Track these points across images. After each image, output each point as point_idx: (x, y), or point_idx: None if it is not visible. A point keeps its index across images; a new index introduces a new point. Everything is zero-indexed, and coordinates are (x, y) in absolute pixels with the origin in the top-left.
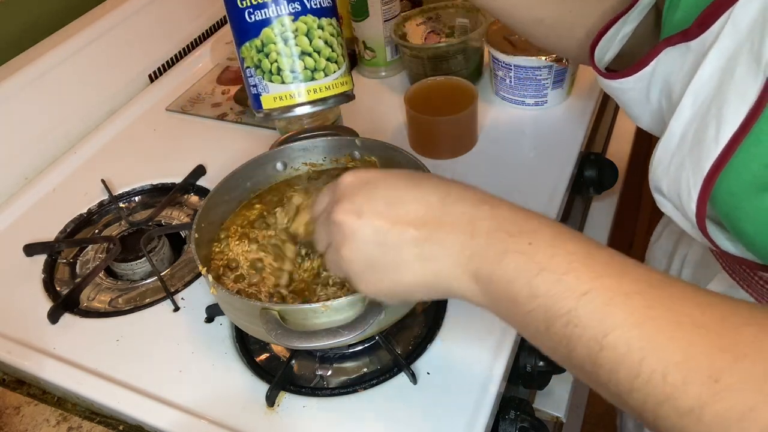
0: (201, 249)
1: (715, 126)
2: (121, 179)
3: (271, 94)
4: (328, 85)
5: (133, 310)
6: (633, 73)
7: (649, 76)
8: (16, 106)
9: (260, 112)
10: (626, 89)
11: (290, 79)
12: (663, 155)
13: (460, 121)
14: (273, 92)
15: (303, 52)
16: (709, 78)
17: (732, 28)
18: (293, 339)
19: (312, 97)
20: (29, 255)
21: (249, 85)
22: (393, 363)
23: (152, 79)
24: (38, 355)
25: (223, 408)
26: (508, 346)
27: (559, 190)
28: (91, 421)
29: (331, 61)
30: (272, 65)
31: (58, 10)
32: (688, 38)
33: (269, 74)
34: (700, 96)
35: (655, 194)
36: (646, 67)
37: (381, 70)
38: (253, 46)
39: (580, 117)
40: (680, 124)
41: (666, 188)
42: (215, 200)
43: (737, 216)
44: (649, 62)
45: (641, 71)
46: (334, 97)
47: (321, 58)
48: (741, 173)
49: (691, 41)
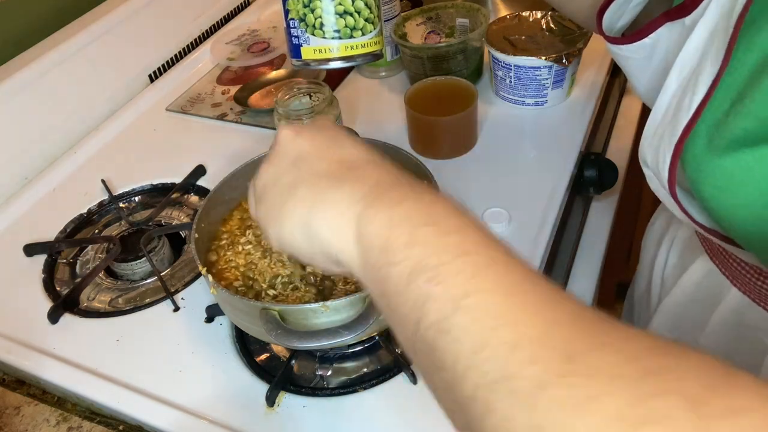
0: (201, 249)
1: (690, 95)
2: (121, 179)
3: (311, 47)
4: (363, 44)
5: (133, 310)
6: (632, 41)
7: (649, 48)
8: (16, 106)
9: (299, 61)
10: (627, 56)
11: (331, 35)
12: (650, 127)
13: (460, 121)
14: (313, 45)
15: (345, 11)
16: (694, 51)
17: (717, 1)
18: (293, 339)
19: (346, 54)
20: (29, 255)
21: (290, 35)
22: (393, 363)
23: (152, 79)
24: (38, 355)
25: (223, 408)
26: None
27: (559, 190)
28: (91, 421)
29: (369, 22)
30: (316, 20)
31: (58, 10)
32: (683, 13)
33: (312, 28)
34: (685, 69)
35: (643, 168)
36: (645, 38)
37: (381, 70)
38: (300, 1)
39: (580, 117)
40: (666, 96)
41: (649, 160)
42: (215, 200)
43: (698, 179)
44: (648, 34)
45: (640, 41)
46: (365, 55)
47: (360, 18)
48: (701, 136)
49: (685, 17)
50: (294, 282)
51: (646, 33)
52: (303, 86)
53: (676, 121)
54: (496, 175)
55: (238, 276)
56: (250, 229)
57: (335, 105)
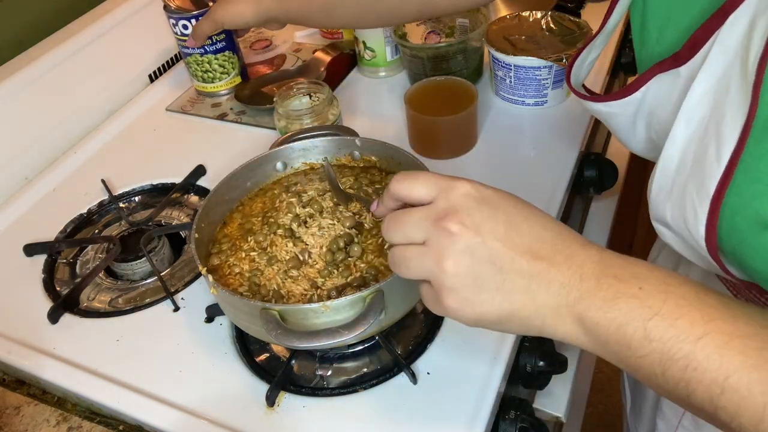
0: (201, 249)
1: (715, 145)
2: (121, 179)
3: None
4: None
5: (133, 310)
6: (621, 97)
7: (638, 103)
8: (16, 106)
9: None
10: (614, 113)
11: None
12: (663, 182)
13: (460, 121)
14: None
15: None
16: (701, 99)
17: (719, 48)
18: (293, 339)
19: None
20: (29, 255)
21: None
22: (393, 363)
23: (152, 79)
24: (38, 355)
25: (223, 408)
26: (508, 346)
27: (559, 190)
28: (91, 421)
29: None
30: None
31: (58, 10)
32: (679, 62)
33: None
34: (694, 118)
35: (656, 225)
36: (635, 92)
37: (381, 70)
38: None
39: (580, 117)
40: (676, 149)
41: (670, 215)
42: (215, 200)
43: (744, 253)
44: (640, 87)
45: (630, 96)
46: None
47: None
48: (737, 210)
49: (681, 67)
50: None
51: (637, 87)
52: (303, 86)
53: (703, 174)
54: (496, 175)
55: (242, 282)
56: (251, 234)
57: (335, 105)
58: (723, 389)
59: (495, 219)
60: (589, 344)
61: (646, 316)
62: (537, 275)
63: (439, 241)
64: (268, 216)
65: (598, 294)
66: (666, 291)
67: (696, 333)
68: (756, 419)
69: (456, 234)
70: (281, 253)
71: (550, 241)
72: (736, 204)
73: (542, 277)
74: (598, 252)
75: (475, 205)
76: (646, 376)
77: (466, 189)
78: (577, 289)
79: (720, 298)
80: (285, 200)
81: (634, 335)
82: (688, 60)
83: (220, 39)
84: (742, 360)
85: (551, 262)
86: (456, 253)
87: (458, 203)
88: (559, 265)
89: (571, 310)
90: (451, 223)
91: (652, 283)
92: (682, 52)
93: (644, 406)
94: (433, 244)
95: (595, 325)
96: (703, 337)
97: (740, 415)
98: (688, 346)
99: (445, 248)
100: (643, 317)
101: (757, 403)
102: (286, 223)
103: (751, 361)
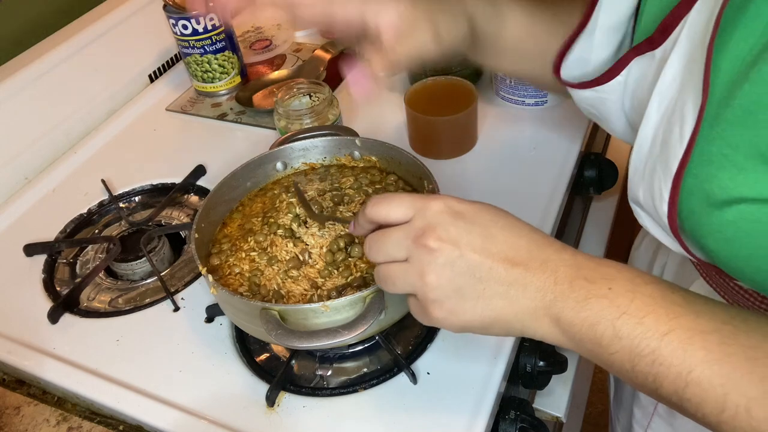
0: (201, 249)
1: (679, 126)
2: (121, 179)
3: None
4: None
5: (133, 310)
6: (606, 80)
7: (622, 87)
8: (16, 106)
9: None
10: (603, 98)
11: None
12: (637, 162)
13: (460, 121)
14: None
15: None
16: (672, 81)
17: (689, 31)
18: (293, 339)
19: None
20: (29, 255)
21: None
22: (393, 363)
23: (152, 79)
24: (38, 355)
25: (223, 408)
26: (508, 346)
27: (559, 190)
28: (91, 421)
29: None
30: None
31: (58, 10)
32: (653, 46)
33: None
34: (665, 99)
35: (632, 205)
36: (618, 75)
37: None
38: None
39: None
40: (649, 129)
41: (642, 196)
42: (215, 200)
43: (701, 233)
44: (621, 70)
45: (614, 80)
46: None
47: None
48: (694, 192)
49: (656, 49)
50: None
51: (618, 70)
52: (303, 86)
53: (668, 153)
54: (496, 175)
55: (242, 282)
56: (251, 234)
57: (335, 105)
58: (687, 383)
59: (471, 232)
60: (566, 343)
61: (614, 315)
62: (514, 281)
63: (421, 258)
64: (268, 216)
65: (570, 296)
66: (633, 290)
67: (661, 330)
68: (718, 409)
69: (435, 249)
70: (281, 253)
71: (525, 247)
72: (692, 185)
73: (519, 283)
74: (572, 255)
75: (450, 221)
76: (619, 371)
77: (439, 206)
78: (552, 291)
79: (685, 296)
80: (285, 200)
81: (605, 333)
82: (661, 44)
83: (220, 39)
84: (704, 355)
85: (527, 268)
86: (437, 268)
87: (434, 220)
88: (535, 270)
89: (548, 312)
90: (430, 239)
91: (620, 284)
92: (654, 36)
93: (624, 395)
94: (414, 260)
95: (569, 324)
96: (669, 333)
97: (703, 406)
98: (654, 343)
99: (426, 264)
100: (612, 316)
101: (718, 394)
102: (287, 224)
103: (712, 356)
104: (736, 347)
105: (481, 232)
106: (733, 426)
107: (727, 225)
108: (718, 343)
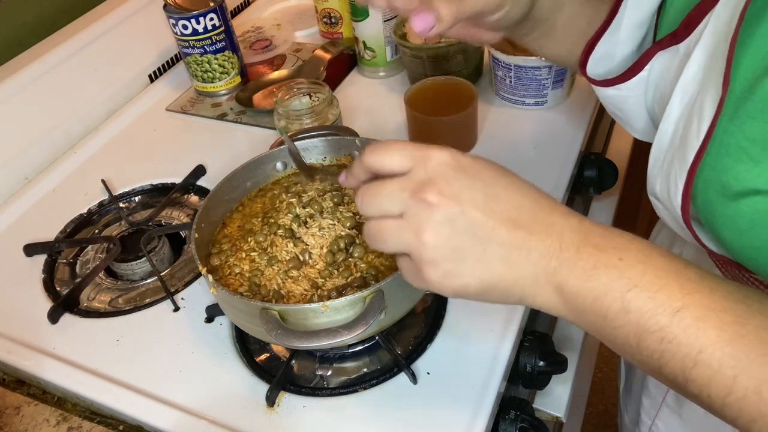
0: (201, 249)
1: (697, 120)
2: (121, 179)
3: None
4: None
5: (133, 310)
6: (629, 77)
7: (645, 83)
8: (16, 106)
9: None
10: (626, 96)
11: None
12: (657, 155)
13: (460, 121)
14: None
15: None
16: (694, 75)
17: (713, 25)
18: (293, 339)
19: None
20: (29, 255)
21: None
22: (393, 363)
23: (152, 79)
24: (38, 355)
25: (223, 408)
26: (508, 346)
27: (559, 190)
28: (91, 421)
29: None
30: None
31: (58, 10)
32: (677, 40)
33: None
34: (687, 94)
35: (651, 198)
36: (641, 71)
37: (381, 70)
38: None
39: (580, 117)
40: (670, 122)
41: (659, 188)
42: (215, 200)
43: (715, 224)
44: (644, 66)
45: (637, 76)
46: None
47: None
48: (710, 182)
49: (680, 44)
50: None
51: (641, 66)
52: (303, 86)
53: (685, 146)
54: None
55: (242, 282)
56: (251, 234)
57: (335, 105)
58: (696, 362)
59: (474, 188)
60: (567, 314)
61: (625, 288)
62: (517, 245)
63: (418, 213)
64: (268, 216)
65: (577, 263)
66: (645, 262)
67: (674, 306)
68: (725, 392)
69: (435, 205)
70: (281, 253)
71: (529, 209)
72: (709, 176)
73: (522, 247)
74: (579, 221)
75: (453, 174)
76: (621, 347)
77: (443, 158)
78: (557, 258)
79: (697, 271)
80: (285, 200)
81: (611, 306)
82: (685, 38)
83: (220, 39)
84: (717, 334)
85: (531, 231)
86: (436, 225)
87: (436, 173)
88: (539, 233)
89: (551, 279)
90: (430, 193)
91: (631, 254)
92: (679, 30)
93: (634, 384)
94: (411, 216)
95: (573, 294)
96: (681, 310)
97: (710, 387)
98: (665, 319)
99: (424, 220)
100: (622, 288)
101: (727, 376)
102: (287, 224)
103: (725, 335)
104: (750, 327)
105: (485, 188)
106: (738, 408)
107: (742, 216)
108: (731, 323)
